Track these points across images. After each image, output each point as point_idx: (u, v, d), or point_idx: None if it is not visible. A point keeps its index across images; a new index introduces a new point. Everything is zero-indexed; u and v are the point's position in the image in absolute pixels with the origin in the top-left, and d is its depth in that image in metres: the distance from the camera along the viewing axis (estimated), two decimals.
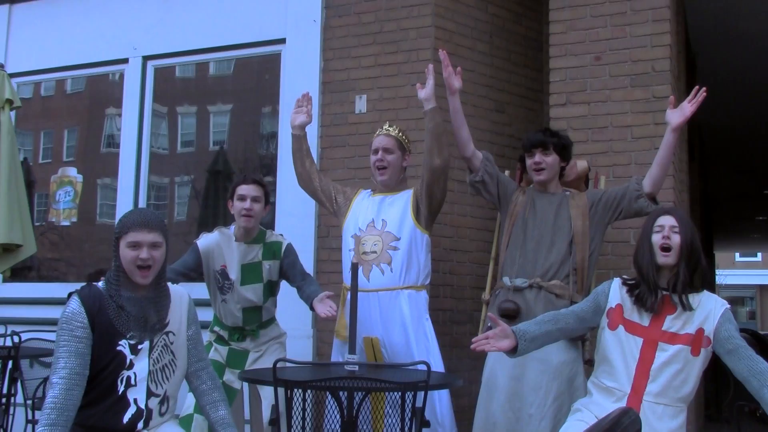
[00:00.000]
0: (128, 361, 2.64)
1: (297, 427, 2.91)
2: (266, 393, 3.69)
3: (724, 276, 28.46)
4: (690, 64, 6.15)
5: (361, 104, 4.74)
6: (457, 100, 3.59)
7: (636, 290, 2.94)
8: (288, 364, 3.28)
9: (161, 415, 2.72)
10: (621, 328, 2.95)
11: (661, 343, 2.88)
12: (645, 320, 2.92)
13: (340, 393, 2.84)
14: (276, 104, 5.17)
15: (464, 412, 4.03)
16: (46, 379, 4.47)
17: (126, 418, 2.63)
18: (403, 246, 3.63)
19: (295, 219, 4.83)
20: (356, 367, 3.20)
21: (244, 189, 3.73)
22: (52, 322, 5.40)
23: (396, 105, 4.63)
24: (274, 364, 2.86)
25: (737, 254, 36.28)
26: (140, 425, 2.65)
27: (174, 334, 2.78)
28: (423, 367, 2.85)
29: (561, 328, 3.05)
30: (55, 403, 2.50)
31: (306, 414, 2.93)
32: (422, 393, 2.88)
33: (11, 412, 4.57)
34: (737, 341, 2.86)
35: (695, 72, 6.52)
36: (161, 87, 5.62)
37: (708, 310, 2.89)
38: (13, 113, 4.89)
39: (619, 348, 2.93)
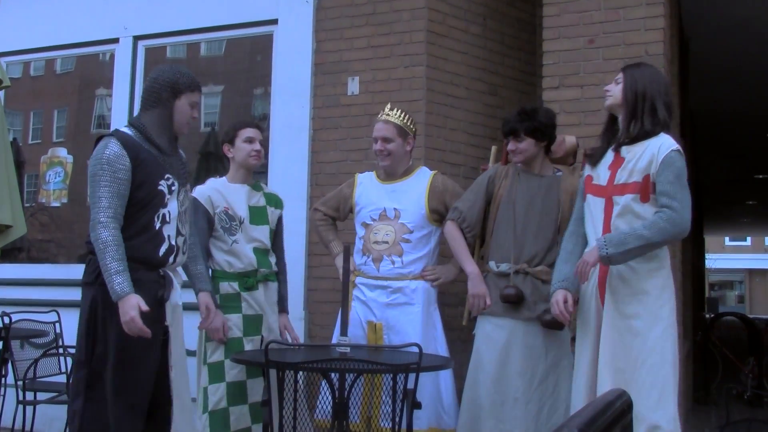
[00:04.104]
0: (165, 199, 2.85)
1: (289, 408, 2.92)
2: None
3: (713, 260, 28.59)
4: (683, 48, 6.14)
5: (353, 86, 4.71)
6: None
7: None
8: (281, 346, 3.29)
9: (183, 253, 3.00)
10: (588, 196, 3.01)
11: (614, 197, 2.90)
12: (603, 180, 2.95)
13: (332, 375, 2.85)
14: (268, 86, 5.13)
15: (456, 395, 4.04)
16: (36, 361, 4.46)
17: (161, 252, 2.84)
18: (415, 239, 3.64)
19: (286, 201, 4.79)
20: (348, 349, 3.21)
21: (251, 132, 3.77)
22: (43, 303, 5.34)
23: (389, 87, 4.61)
24: (266, 345, 2.86)
25: (727, 238, 36.49)
26: (171, 259, 2.90)
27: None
28: (415, 349, 2.86)
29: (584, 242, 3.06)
30: (116, 239, 2.72)
31: (297, 395, 2.94)
32: (414, 375, 2.89)
33: (2, 392, 4.57)
34: (663, 200, 2.79)
35: (688, 56, 6.51)
36: (152, 67, 5.54)
37: (651, 155, 2.84)
38: (2, 93, 4.83)
39: (589, 215, 3.00)
